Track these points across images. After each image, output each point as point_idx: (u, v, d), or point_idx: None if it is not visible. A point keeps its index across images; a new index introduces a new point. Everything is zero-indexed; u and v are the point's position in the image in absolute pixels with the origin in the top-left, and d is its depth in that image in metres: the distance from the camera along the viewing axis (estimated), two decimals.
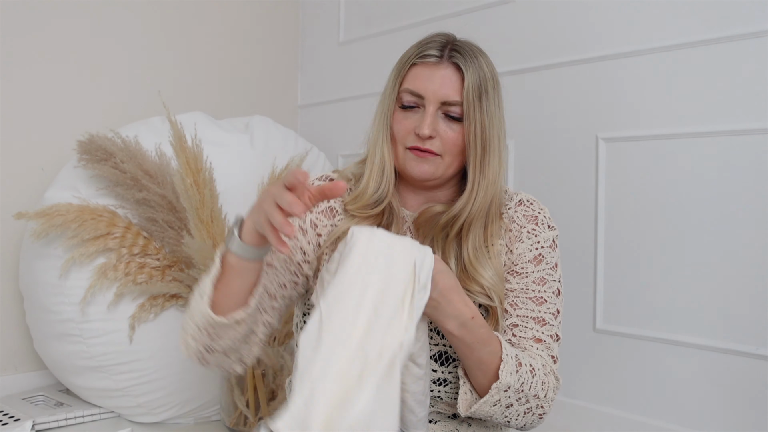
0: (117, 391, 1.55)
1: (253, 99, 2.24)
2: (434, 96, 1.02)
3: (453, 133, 1.02)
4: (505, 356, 0.96)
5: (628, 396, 1.49)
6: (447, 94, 1.02)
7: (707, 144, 1.38)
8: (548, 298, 1.07)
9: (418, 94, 1.03)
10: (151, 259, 1.53)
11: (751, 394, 1.31)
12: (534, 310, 1.05)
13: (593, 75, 1.55)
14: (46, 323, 1.56)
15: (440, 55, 1.03)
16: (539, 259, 1.07)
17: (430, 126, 1.01)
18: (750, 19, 1.32)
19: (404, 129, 1.04)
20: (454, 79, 1.02)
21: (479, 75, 1.02)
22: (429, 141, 1.02)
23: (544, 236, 1.08)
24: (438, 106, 1.02)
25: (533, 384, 0.98)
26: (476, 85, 1.01)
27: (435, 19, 1.86)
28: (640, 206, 1.48)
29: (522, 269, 1.06)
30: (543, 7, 1.65)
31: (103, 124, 1.75)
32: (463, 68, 1.02)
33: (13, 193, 1.73)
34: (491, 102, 1.03)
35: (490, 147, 1.03)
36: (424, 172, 1.03)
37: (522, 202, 1.10)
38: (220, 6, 2.14)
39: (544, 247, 1.08)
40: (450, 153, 1.03)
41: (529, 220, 1.08)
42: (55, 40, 1.81)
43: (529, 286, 1.06)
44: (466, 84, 1.01)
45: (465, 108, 1.01)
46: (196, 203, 1.48)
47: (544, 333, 1.05)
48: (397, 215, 1.08)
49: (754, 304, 1.31)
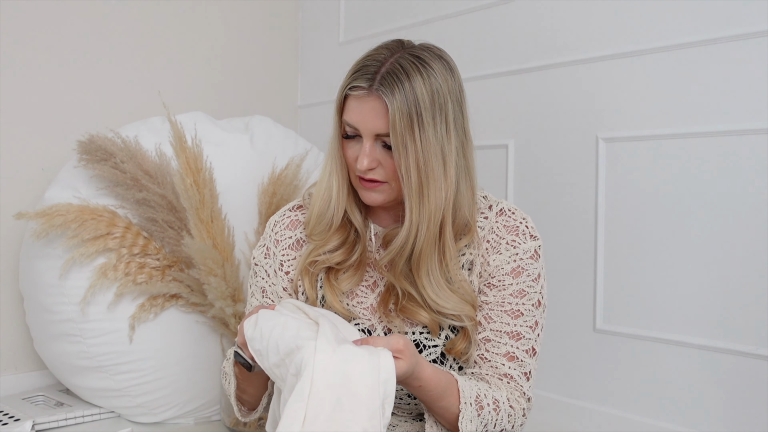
0: (117, 391, 1.55)
1: (253, 99, 2.24)
2: (366, 130, 0.99)
3: (392, 161, 1.00)
4: (464, 405, 0.95)
5: (628, 396, 1.49)
6: (376, 126, 0.98)
7: (707, 144, 1.38)
8: (525, 311, 1.04)
9: (354, 127, 1.01)
10: (151, 259, 1.53)
11: (751, 394, 1.31)
12: (508, 324, 1.03)
13: (593, 75, 1.55)
14: (46, 323, 1.56)
15: (368, 86, 0.98)
16: (518, 272, 1.04)
17: (368, 158, 0.99)
18: (750, 19, 1.32)
19: (350, 158, 1.04)
20: (382, 110, 0.98)
21: (408, 101, 0.96)
22: (371, 172, 1.01)
23: (524, 247, 1.05)
24: (373, 138, 1.00)
25: (498, 420, 0.99)
26: (404, 115, 0.96)
27: (435, 19, 1.86)
28: (640, 206, 1.48)
29: (499, 282, 1.04)
30: (543, 7, 1.65)
31: (103, 124, 1.75)
32: (387, 101, 0.96)
33: (13, 193, 1.73)
34: (428, 127, 0.97)
35: (428, 176, 0.98)
36: (374, 200, 1.04)
37: (503, 211, 1.08)
38: (220, 6, 2.14)
39: (524, 259, 1.05)
40: (395, 179, 1.01)
41: (509, 230, 1.06)
42: (55, 40, 1.81)
43: (506, 299, 1.04)
44: (391, 116, 0.96)
45: (393, 140, 0.97)
46: (196, 203, 1.48)
47: (518, 348, 1.03)
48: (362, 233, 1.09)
49: (754, 304, 1.31)
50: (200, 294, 1.52)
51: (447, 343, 1.03)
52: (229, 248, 1.54)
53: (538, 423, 1.54)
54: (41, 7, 1.78)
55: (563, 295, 1.59)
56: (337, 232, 1.09)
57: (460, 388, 0.96)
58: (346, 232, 1.09)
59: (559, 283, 1.58)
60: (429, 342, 1.03)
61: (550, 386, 1.62)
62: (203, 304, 1.54)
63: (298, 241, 1.14)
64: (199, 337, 1.59)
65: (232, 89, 2.18)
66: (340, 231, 1.09)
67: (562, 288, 1.59)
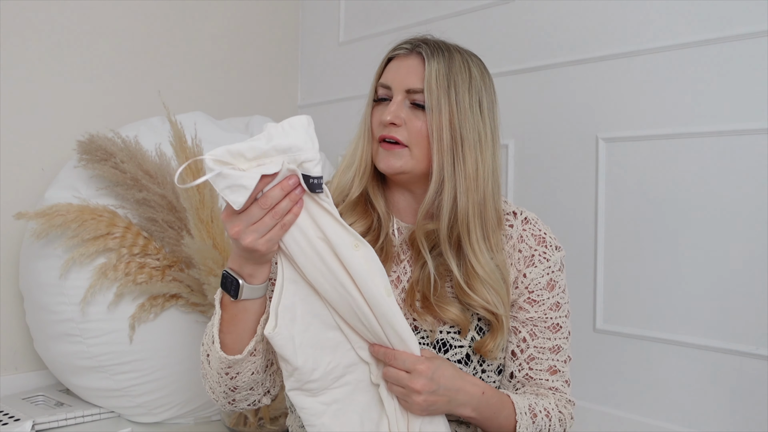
0: (117, 391, 1.55)
1: (253, 99, 2.24)
2: (399, 85, 1.02)
3: (418, 122, 1.01)
4: (519, 414, 0.99)
5: (628, 396, 1.49)
6: (409, 81, 1.01)
7: (707, 144, 1.38)
8: (562, 323, 1.08)
9: (387, 86, 1.04)
10: (151, 259, 1.53)
11: (751, 394, 1.31)
12: (550, 339, 1.07)
13: (593, 75, 1.55)
14: (46, 323, 1.56)
15: (410, 48, 1.04)
16: (552, 285, 1.08)
17: (393, 113, 1.00)
18: (750, 19, 1.32)
19: (376, 121, 1.04)
20: (419, 68, 1.02)
21: (447, 65, 1.01)
22: (394, 129, 1.01)
23: (554, 260, 1.08)
24: (403, 95, 1.02)
25: (551, 426, 1.02)
26: (441, 75, 1.00)
27: (435, 19, 1.86)
28: (640, 206, 1.48)
29: (538, 297, 1.07)
30: (543, 7, 1.65)
31: (103, 124, 1.75)
32: (426, 57, 1.01)
33: (13, 193, 1.74)
34: (463, 96, 1.00)
35: (463, 139, 1.00)
36: (391, 166, 1.02)
37: (528, 220, 1.10)
38: (220, 6, 2.14)
39: (554, 271, 1.08)
40: (418, 144, 1.01)
41: (538, 241, 1.08)
42: (56, 40, 1.81)
43: (546, 314, 1.07)
44: (427, 71, 1.00)
45: (426, 95, 1.00)
46: (196, 203, 1.48)
47: (558, 360, 1.07)
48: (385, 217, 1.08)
49: (754, 304, 1.31)
50: (200, 294, 1.52)
51: (476, 342, 1.03)
52: (229, 248, 1.54)
53: None
54: (41, 7, 1.78)
55: None
56: (361, 217, 1.07)
57: (513, 401, 1.00)
58: (369, 219, 1.07)
59: None
60: (455, 342, 1.02)
61: None
62: (203, 304, 1.54)
63: None
64: (199, 337, 1.59)
65: (232, 89, 2.18)
66: (363, 216, 1.07)
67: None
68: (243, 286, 0.90)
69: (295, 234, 0.86)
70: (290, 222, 0.85)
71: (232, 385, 0.99)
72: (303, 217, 0.86)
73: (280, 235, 0.85)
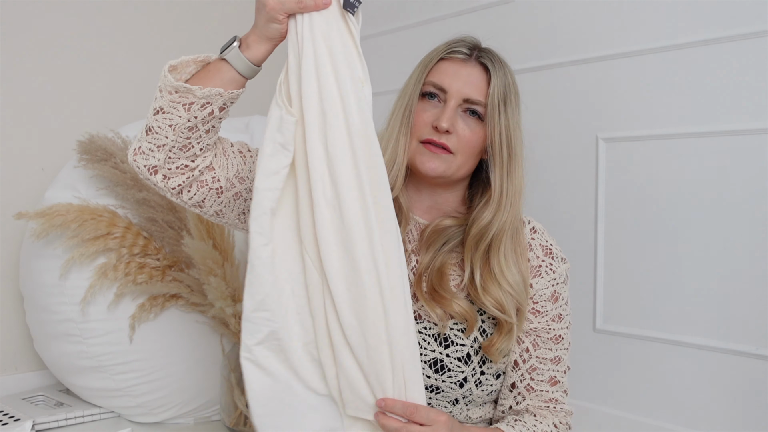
0: (117, 391, 1.55)
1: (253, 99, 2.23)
2: (458, 92, 1.01)
3: (470, 132, 1.01)
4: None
5: (628, 396, 1.49)
6: (471, 92, 1.01)
7: (707, 144, 1.38)
8: (564, 335, 1.09)
9: (441, 88, 1.02)
10: (151, 259, 1.53)
11: (751, 394, 1.31)
12: (551, 350, 1.08)
13: (593, 75, 1.55)
14: (46, 323, 1.56)
15: (469, 54, 1.03)
16: (555, 297, 1.08)
17: (449, 120, 1.00)
18: (750, 19, 1.32)
19: (422, 121, 1.02)
20: (480, 78, 1.02)
21: (505, 82, 1.02)
22: (445, 136, 1.01)
23: (559, 272, 1.09)
24: (460, 102, 1.01)
25: None
26: (502, 90, 1.01)
27: (435, 19, 1.86)
28: (640, 206, 1.47)
29: (542, 308, 1.07)
30: (543, 7, 1.64)
31: (103, 124, 1.75)
32: (491, 70, 1.02)
33: (13, 193, 1.73)
34: (514, 111, 1.03)
35: (515, 155, 1.02)
36: (434, 169, 1.01)
37: (536, 230, 1.11)
38: (220, 6, 2.14)
39: (559, 283, 1.09)
40: (464, 153, 1.02)
41: (545, 252, 1.08)
42: (56, 40, 1.80)
43: (549, 325, 1.07)
44: (492, 86, 1.01)
45: (489, 109, 1.00)
46: None
47: (558, 371, 1.09)
48: (406, 215, 1.07)
49: (754, 304, 1.31)
50: (200, 294, 1.52)
51: (485, 341, 1.03)
52: (229, 248, 1.54)
53: None
54: (41, 7, 1.77)
55: None
56: None
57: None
58: None
59: None
60: (458, 339, 1.03)
61: None
62: (203, 304, 1.54)
63: None
64: (199, 337, 1.59)
65: None
66: None
67: None
68: (233, 48, 0.97)
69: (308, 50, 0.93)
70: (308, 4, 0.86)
71: (158, 126, 0.94)
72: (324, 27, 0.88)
73: (294, 6, 0.88)
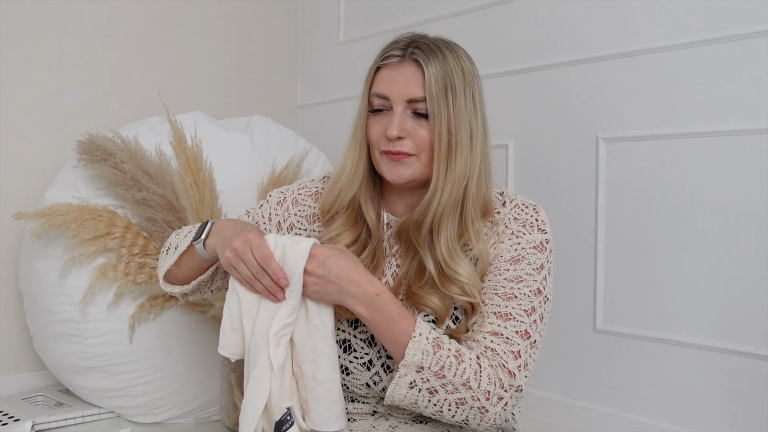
0: (117, 391, 1.55)
1: (253, 99, 2.24)
2: (399, 95, 1.00)
3: (423, 131, 1.01)
4: (417, 335, 0.93)
5: (628, 396, 1.49)
6: (413, 91, 1.00)
7: (707, 144, 1.38)
8: (521, 295, 0.99)
9: (384, 96, 1.02)
10: (151, 259, 1.53)
11: (751, 394, 1.31)
12: (499, 306, 0.98)
13: (593, 75, 1.55)
14: (46, 323, 1.56)
15: (402, 55, 1.02)
16: (518, 259, 1.02)
17: (398, 126, 1.00)
18: (750, 19, 1.32)
19: (376, 133, 1.03)
20: (417, 76, 1.00)
21: (444, 69, 1.00)
22: (399, 142, 1.01)
23: (528, 238, 1.04)
24: (404, 105, 1.01)
25: (458, 371, 0.91)
26: (439, 80, 0.99)
27: (435, 19, 1.86)
28: (640, 206, 1.48)
29: (496, 268, 1.03)
30: (542, 8, 1.65)
31: (103, 124, 1.75)
32: (423, 64, 1.00)
33: (13, 193, 1.73)
34: (460, 97, 1.00)
35: (457, 143, 1.00)
36: (401, 176, 1.02)
37: (517, 205, 1.08)
38: (220, 6, 2.14)
39: (526, 248, 1.03)
40: (424, 151, 1.01)
41: (519, 223, 1.06)
42: (55, 40, 1.80)
43: (500, 283, 1.01)
44: (427, 79, 0.99)
45: (429, 103, 0.99)
46: (196, 203, 1.48)
47: (506, 328, 0.96)
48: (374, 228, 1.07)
49: (754, 304, 1.31)
50: None
51: (452, 329, 1.01)
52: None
53: (538, 423, 1.54)
54: (41, 7, 1.78)
55: (563, 295, 1.59)
56: (349, 228, 1.07)
57: (417, 322, 0.95)
58: (357, 231, 1.07)
59: (559, 282, 1.57)
60: None
61: (550, 386, 1.62)
62: (203, 304, 1.54)
63: (314, 214, 1.13)
64: (199, 337, 1.59)
65: (232, 89, 2.18)
66: (351, 228, 1.07)
67: (563, 288, 1.59)
68: (201, 240, 1.04)
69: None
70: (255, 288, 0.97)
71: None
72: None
73: (237, 277, 0.98)
